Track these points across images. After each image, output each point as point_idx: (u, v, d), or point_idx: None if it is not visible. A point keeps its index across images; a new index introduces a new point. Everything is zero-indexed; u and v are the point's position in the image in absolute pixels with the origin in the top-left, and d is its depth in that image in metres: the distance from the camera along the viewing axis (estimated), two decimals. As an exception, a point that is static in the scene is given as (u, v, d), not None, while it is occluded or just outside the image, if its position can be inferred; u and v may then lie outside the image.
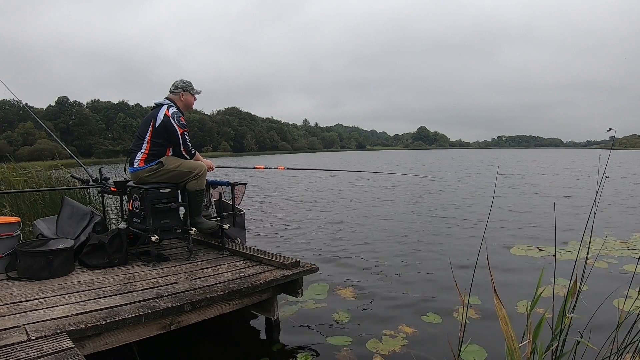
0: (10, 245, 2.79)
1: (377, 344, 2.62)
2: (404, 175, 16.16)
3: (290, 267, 2.89)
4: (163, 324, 2.19)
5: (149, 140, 3.12)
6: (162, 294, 2.34)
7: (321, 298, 3.45)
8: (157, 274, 2.79)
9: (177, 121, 3.11)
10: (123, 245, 3.04)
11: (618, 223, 6.55)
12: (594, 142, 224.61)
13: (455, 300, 3.31)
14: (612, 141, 1.88)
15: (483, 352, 2.47)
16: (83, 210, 3.38)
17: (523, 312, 3.08)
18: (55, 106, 73.25)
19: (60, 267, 2.70)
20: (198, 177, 3.21)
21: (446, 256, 4.74)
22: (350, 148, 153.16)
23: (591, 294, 2.99)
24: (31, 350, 1.61)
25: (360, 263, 4.54)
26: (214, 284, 2.57)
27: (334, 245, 5.36)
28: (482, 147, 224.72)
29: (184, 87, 3.31)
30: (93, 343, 1.93)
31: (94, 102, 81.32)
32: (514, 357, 1.30)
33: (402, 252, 4.97)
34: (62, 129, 67.50)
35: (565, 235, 5.59)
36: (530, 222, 6.74)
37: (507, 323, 1.31)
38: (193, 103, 3.41)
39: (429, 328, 2.87)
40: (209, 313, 2.43)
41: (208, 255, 3.36)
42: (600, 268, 4.10)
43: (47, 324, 1.87)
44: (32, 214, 4.42)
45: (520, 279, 3.89)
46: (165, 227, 3.10)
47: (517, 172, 19.69)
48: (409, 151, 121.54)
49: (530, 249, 4.95)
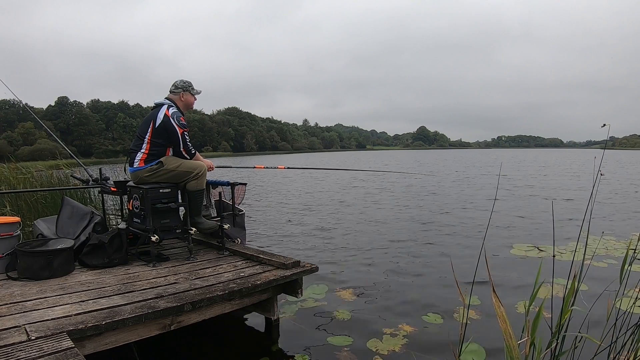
0: (10, 245, 2.79)
1: (377, 343, 2.63)
2: (404, 176, 16.16)
3: (290, 267, 2.90)
4: (163, 324, 2.20)
5: (149, 141, 3.13)
6: (162, 294, 2.34)
7: (321, 298, 3.45)
8: (157, 274, 2.80)
9: (177, 121, 3.11)
10: (123, 245, 3.04)
11: (618, 223, 6.55)
12: (594, 142, 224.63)
13: (455, 300, 3.31)
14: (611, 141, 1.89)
15: (483, 351, 2.47)
16: (83, 210, 3.38)
17: (523, 311, 3.08)
18: (55, 106, 73.27)
19: (60, 267, 2.71)
20: (198, 177, 3.21)
21: (446, 256, 4.74)
22: (350, 148, 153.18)
23: (591, 294, 2.99)
24: (31, 350, 1.61)
25: (360, 263, 4.54)
26: (214, 284, 2.57)
27: (334, 245, 5.36)
28: (482, 147, 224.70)
29: (184, 87, 3.31)
30: (93, 343, 1.93)
31: (94, 102, 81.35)
32: (512, 355, 1.31)
33: (402, 252, 4.97)
34: (62, 129, 67.50)
35: (566, 236, 5.59)
36: (531, 223, 6.74)
37: (506, 321, 1.31)
38: (193, 103, 3.41)
39: (429, 328, 2.87)
40: (209, 313, 2.43)
41: (208, 255, 3.36)
42: (600, 268, 4.10)
43: (47, 324, 1.88)
44: (32, 214, 4.42)
45: (520, 279, 3.89)
46: (165, 227, 3.10)
47: (518, 172, 19.69)
48: (409, 151, 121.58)
49: (531, 249, 4.95)
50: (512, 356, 1.31)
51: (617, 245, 5.05)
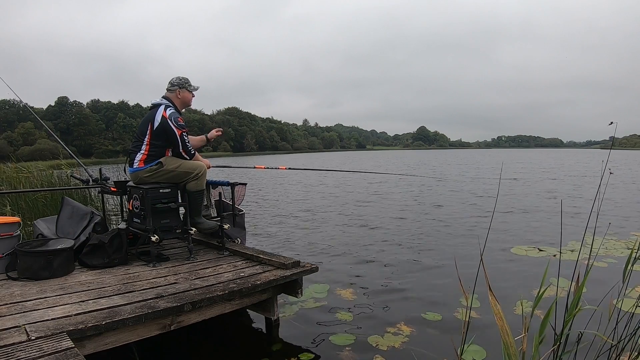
0: (10, 245, 2.79)
1: (378, 340, 2.63)
2: (405, 176, 16.15)
3: (290, 267, 2.89)
4: (163, 324, 2.19)
5: (147, 142, 3.12)
6: (162, 294, 2.34)
7: (321, 297, 3.45)
8: (157, 274, 2.79)
9: (175, 123, 3.10)
10: (123, 245, 3.04)
11: (618, 223, 6.54)
12: (594, 142, 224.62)
13: (455, 300, 3.31)
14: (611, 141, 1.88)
15: (483, 352, 2.47)
16: (83, 210, 3.38)
17: (520, 312, 3.08)
18: (55, 106, 73.32)
19: (60, 267, 2.70)
20: (198, 178, 3.21)
21: (446, 256, 4.74)
22: (350, 148, 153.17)
23: (591, 294, 2.99)
24: (31, 350, 1.61)
25: (360, 263, 4.54)
26: (214, 284, 2.57)
27: (334, 245, 5.36)
28: (482, 147, 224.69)
29: (179, 84, 3.28)
30: (93, 343, 1.93)
31: (93, 102, 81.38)
32: (509, 352, 1.30)
33: (402, 252, 4.97)
34: (62, 129, 67.54)
35: (567, 236, 5.59)
36: (531, 223, 6.74)
37: (502, 318, 1.31)
38: (191, 99, 3.37)
39: (429, 327, 2.87)
40: (209, 313, 2.42)
41: (208, 255, 3.36)
42: (600, 268, 4.10)
43: (47, 324, 1.87)
44: (32, 214, 4.42)
45: (520, 279, 3.89)
46: (165, 227, 3.09)
47: (519, 172, 19.68)
48: (409, 151, 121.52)
49: (531, 249, 4.95)
50: (509, 353, 1.31)
51: (617, 245, 5.04)
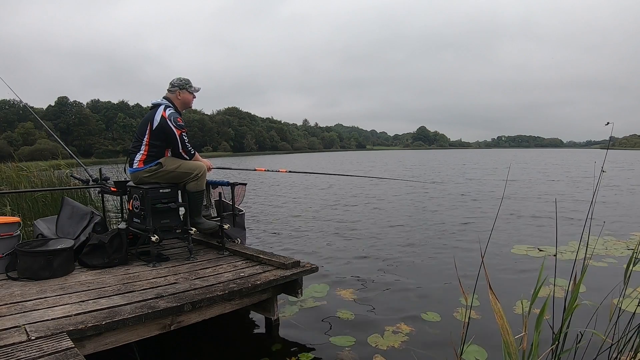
0: (10, 245, 2.79)
1: (378, 340, 2.63)
2: (408, 181, 16.15)
3: (290, 267, 2.89)
4: (163, 324, 2.19)
5: (147, 142, 3.11)
6: (162, 294, 2.34)
7: (321, 297, 3.45)
8: (157, 274, 2.80)
9: (174, 123, 3.09)
10: (123, 245, 3.04)
11: (618, 223, 6.54)
12: (594, 142, 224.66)
13: (454, 299, 3.31)
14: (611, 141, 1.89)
15: (483, 351, 2.47)
16: (83, 210, 3.38)
17: (521, 312, 3.08)
18: (55, 106, 73.35)
19: (60, 267, 2.70)
20: (198, 178, 3.21)
21: (445, 256, 4.74)
22: (350, 148, 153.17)
23: (591, 294, 2.99)
24: (31, 350, 1.61)
25: (360, 263, 4.54)
26: (214, 284, 2.57)
27: (333, 245, 5.36)
28: (482, 147, 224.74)
29: (180, 85, 3.27)
30: (93, 343, 1.93)
31: (93, 102, 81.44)
32: (509, 350, 1.31)
33: (402, 252, 4.97)
34: (62, 129, 67.55)
35: (566, 236, 5.58)
36: (531, 223, 6.74)
37: (502, 317, 1.31)
38: (191, 101, 3.36)
39: (429, 326, 2.87)
40: (209, 313, 2.42)
41: (208, 255, 3.36)
42: (600, 267, 4.10)
43: (47, 324, 1.87)
44: (32, 214, 4.42)
45: (520, 278, 3.89)
46: (165, 227, 3.10)
47: (519, 173, 19.68)
48: (409, 151, 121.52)
49: (531, 249, 4.95)
50: (510, 352, 1.31)
51: (617, 245, 5.04)
